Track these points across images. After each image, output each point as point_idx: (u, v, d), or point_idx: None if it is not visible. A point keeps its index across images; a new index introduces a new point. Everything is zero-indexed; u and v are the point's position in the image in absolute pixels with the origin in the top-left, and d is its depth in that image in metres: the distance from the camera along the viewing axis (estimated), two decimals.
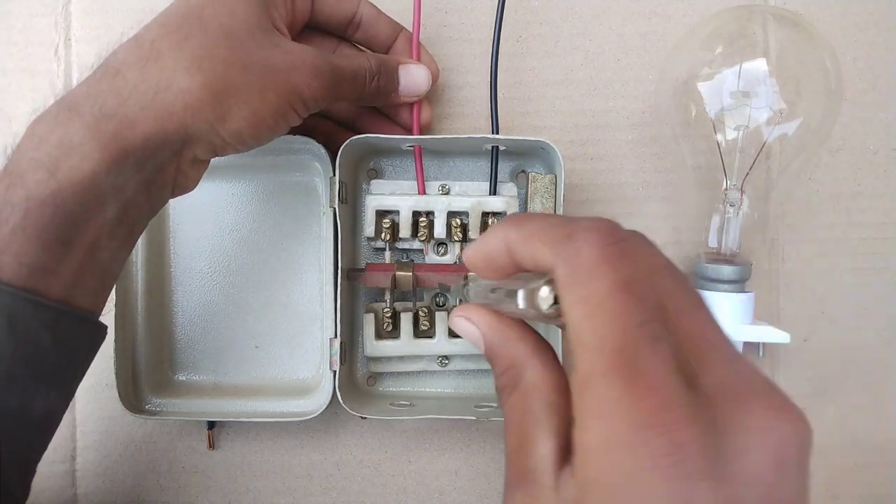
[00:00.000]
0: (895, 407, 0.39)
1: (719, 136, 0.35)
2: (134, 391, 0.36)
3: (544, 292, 0.19)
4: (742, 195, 0.35)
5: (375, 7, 0.34)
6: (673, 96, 0.36)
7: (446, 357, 0.37)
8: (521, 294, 0.20)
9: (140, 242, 0.36)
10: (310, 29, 0.33)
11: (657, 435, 0.16)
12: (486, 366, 0.37)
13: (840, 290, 0.39)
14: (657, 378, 0.16)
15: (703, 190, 0.36)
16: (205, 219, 0.38)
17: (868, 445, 0.39)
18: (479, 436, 0.38)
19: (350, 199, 0.36)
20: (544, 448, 0.19)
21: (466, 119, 0.38)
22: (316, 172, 0.37)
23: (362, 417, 0.34)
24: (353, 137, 0.33)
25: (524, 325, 0.22)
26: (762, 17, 0.36)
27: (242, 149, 0.28)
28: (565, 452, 0.19)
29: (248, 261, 0.38)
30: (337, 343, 0.34)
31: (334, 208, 0.34)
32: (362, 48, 0.35)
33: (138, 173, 0.26)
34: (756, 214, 0.36)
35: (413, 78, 0.33)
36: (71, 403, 0.38)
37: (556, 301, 0.19)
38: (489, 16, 0.37)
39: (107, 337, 0.34)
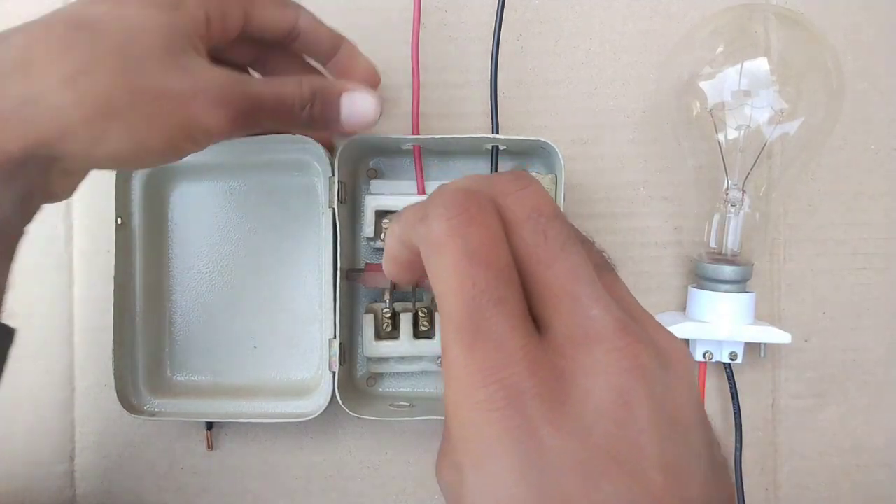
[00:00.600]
0: (895, 407, 0.39)
1: (720, 136, 0.35)
2: (133, 392, 0.36)
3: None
4: (743, 195, 0.35)
5: (315, 18, 0.31)
6: (674, 95, 0.36)
7: None
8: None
9: (138, 242, 0.36)
10: (245, 41, 0.30)
11: (495, 389, 0.17)
12: None
13: (841, 290, 0.39)
14: (497, 337, 0.17)
15: (704, 190, 0.36)
16: (203, 218, 0.37)
17: (869, 446, 0.39)
18: None
19: (349, 199, 0.36)
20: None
21: (466, 118, 0.38)
22: (315, 172, 0.37)
23: (359, 417, 0.34)
24: (353, 137, 0.33)
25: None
26: (763, 16, 0.36)
27: (123, 169, 0.27)
28: None
29: (246, 261, 0.38)
30: (336, 344, 0.34)
31: (333, 209, 0.33)
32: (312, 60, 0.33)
33: (6, 189, 0.25)
34: (757, 214, 0.36)
35: (358, 108, 0.30)
36: (70, 404, 0.38)
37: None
38: (489, 15, 0.37)
39: (107, 336, 0.34)
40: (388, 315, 0.35)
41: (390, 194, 0.36)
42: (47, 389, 0.38)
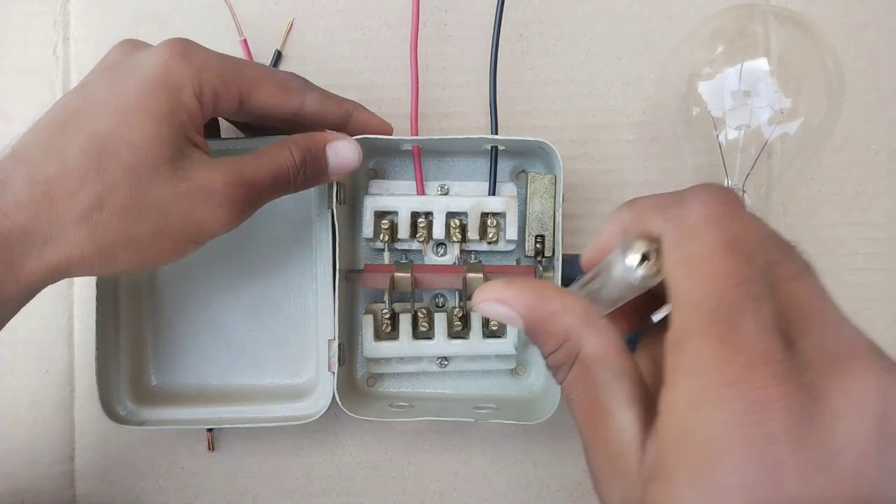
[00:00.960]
0: None
1: (720, 136, 0.35)
2: (117, 401, 0.35)
3: (638, 247, 0.18)
4: (743, 195, 0.35)
5: (323, 97, 0.31)
6: (674, 96, 0.36)
7: (446, 358, 0.37)
8: (609, 260, 0.19)
9: None
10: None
11: (743, 392, 0.15)
12: (487, 366, 0.37)
13: (841, 290, 0.38)
14: (753, 336, 0.16)
15: None
16: None
17: None
18: (479, 437, 0.38)
19: (349, 199, 0.36)
20: (625, 417, 0.18)
21: (466, 118, 0.38)
22: None
23: (359, 419, 0.34)
24: (364, 137, 0.33)
25: (567, 295, 0.20)
26: (763, 17, 0.36)
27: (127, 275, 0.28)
28: (647, 419, 0.18)
29: (230, 263, 0.37)
30: (335, 345, 0.34)
31: (332, 210, 0.33)
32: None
33: (16, 307, 0.27)
34: (757, 214, 0.36)
35: (341, 158, 0.31)
36: (70, 404, 0.38)
37: (644, 259, 0.18)
38: (489, 14, 0.37)
39: (89, 346, 0.34)
40: (388, 316, 0.35)
41: (389, 195, 0.36)
42: (47, 389, 0.38)
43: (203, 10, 0.38)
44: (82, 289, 0.38)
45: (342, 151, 0.31)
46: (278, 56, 0.38)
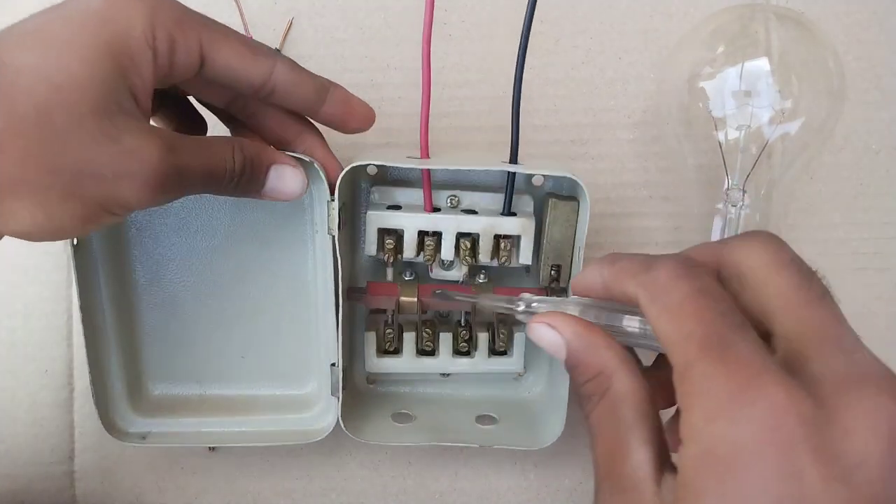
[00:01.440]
0: None
1: (721, 136, 0.35)
2: (116, 415, 0.34)
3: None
4: (744, 195, 0.35)
5: (295, 69, 0.28)
6: (674, 95, 0.36)
7: (447, 374, 0.36)
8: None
9: (99, 259, 0.33)
10: (217, 84, 0.27)
11: (755, 399, 0.16)
12: (488, 378, 0.36)
13: (841, 290, 0.39)
14: (749, 354, 0.17)
15: (704, 189, 0.36)
16: (171, 224, 0.34)
17: None
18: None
19: (349, 213, 0.34)
20: (642, 454, 0.19)
21: (466, 118, 0.38)
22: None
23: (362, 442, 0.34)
24: (354, 164, 0.30)
25: (609, 334, 0.22)
26: (764, 16, 0.36)
27: (33, 240, 0.24)
28: (662, 459, 0.19)
29: (226, 269, 0.35)
30: (339, 371, 0.32)
31: (333, 236, 0.30)
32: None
33: None
34: (758, 214, 0.36)
35: (284, 184, 0.28)
36: (70, 404, 0.38)
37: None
38: (490, 14, 0.37)
39: (80, 358, 0.33)
40: (392, 335, 0.34)
41: (395, 210, 0.33)
42: (47, 389, 0.38)
43: (203, 7, 0.38)
44: None
45: (286, 178, 0.28)
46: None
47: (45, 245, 0.37)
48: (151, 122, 0.25)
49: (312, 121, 0.31)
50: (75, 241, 0.30)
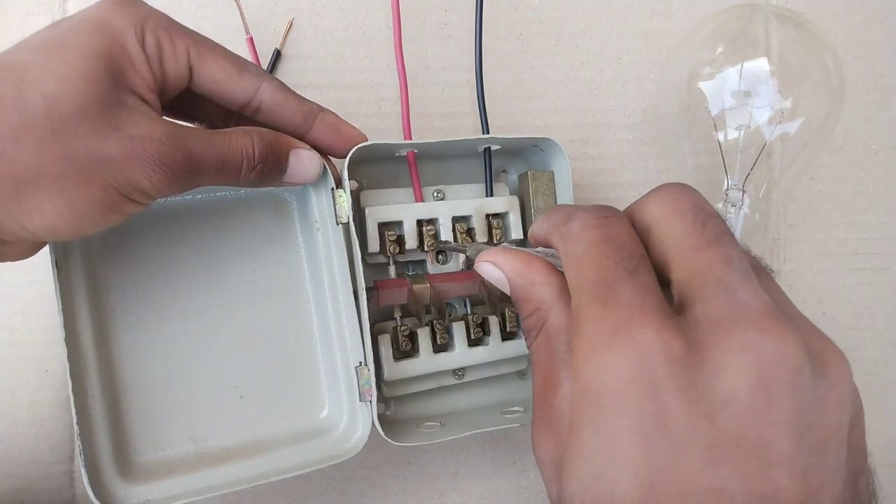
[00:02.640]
0: (895, 408, 0.39)
1: (720, 136, 0.35)
2: (111, 484, 0.29)
3: None
4: (743, 195, 0.35)
5: (283, 89, 0.28)
6: (674, 95, 0.36)
7: (462, 369, 0.35)
8: None
9: (81, 304, 0.30)
10: (206, 101, 0.28)
11: (624, 340, 0.17)
12: (502, 370, 0.36)
13: (841, 290, 0.39)
14: (630, 297, 0.18)
15: (703, 190, 0.35)
16: (146, 249, 0.31)
17: (869, 446, 0.39)
18: (478, 437, 0.38)
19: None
20: (567, 389, 0.20)
21: (465, 117, 0.38)
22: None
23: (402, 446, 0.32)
24: (361, 145, 0.30)
25: (551, 269, 0.22)
26: (764, 17, 0.36)
27: (65, 239, 0.25)
28: None
29: (211, 297, 0.31)
30: (365, 371, 0.30)
31: (346, 223, 0.30)
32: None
33: None
34: (757, 214, 0.36)
35: (303, 167, 0.28)
36: (69, 404, 0.38)
37: None
38: (490, 14, 0.37)
39: (68, 424, 0.32)
40: (406, 333, 0.33)
41: (392, 204, 0.33)
42: (47, 389, 0.38)
43: (202, 7, 0.38)
44: None
45: (305, 161, 0.28)
46: (277, 55, 0.38)
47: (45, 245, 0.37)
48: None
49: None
50: (58, 266, 0.28)
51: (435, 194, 0.35)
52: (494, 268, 0.23)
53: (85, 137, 0.23)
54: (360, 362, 0.30)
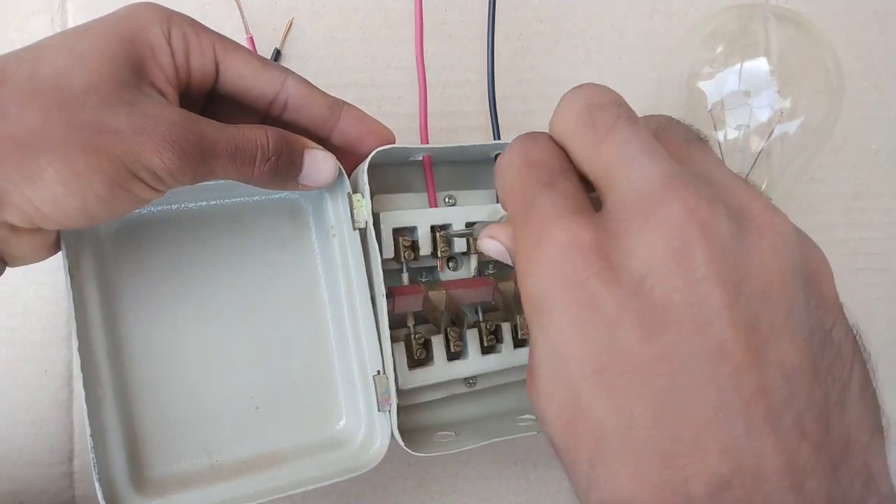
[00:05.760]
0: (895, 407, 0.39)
1: (720, 136, 0.35)
2: (125, 498, 0.28)
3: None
4: None
5: (308, 84, 0.28)
6: (674, 95, 0.36)
7: (473, 377, 0.34)
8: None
9: (94, 310, 0.29)
10: (237, 104, 0.28)
11: (543, 246, 0.18)
12: (513, 378, 0.35)
13: (841, 290, 0.39)
14: (547, 206, 0.19)
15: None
16: (160, 258, 0.30)
17: None
18: None
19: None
20: None
21: (467, 117, 0.38)
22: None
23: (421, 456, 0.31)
24: (382, 148, 0.29)
25: None
26: (763, 16, 0.36)
27: (69, 223, 0.23)
28: None
29: (225, 306, 0.31)
30: (383, 380, 0.29)
31: (366, 227, 0.29)
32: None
33: None
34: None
35: (318, 168, 0.28)
36: (70, 404, 0.38)
37: None
38: (490, 14, 0.37)
39: (82, 439, 0.31)
40: (422, 341, 0.32)
41: (407, 209, 0.33)
42: (47, 389, 0.38)
43: (202, 7, 0.38)
44: None
45: (320, 162, 0.28)
46: (277, 54, 0.38)
47: None
48: None
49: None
50: (71, 275, 0.28)
51: (447, 199, 0.34)
52: (492, 241, 0.23)
53: (94, 109, 0.22)
54: (379, 371, 0.30)
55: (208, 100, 0.28)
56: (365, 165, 0.29)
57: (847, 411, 0.17)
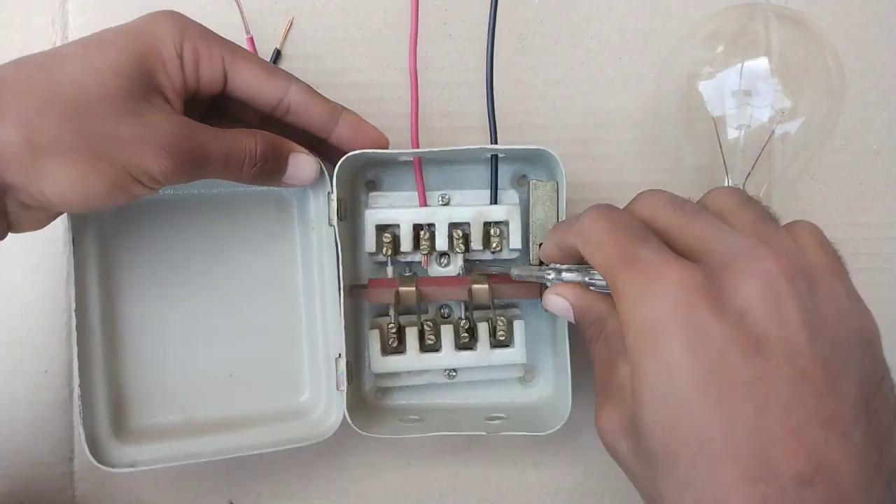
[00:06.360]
0: None
1: (721, 136, 0.35)
2: (102, 444, 0.33)
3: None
4: None
5: (309, 91, 0.31)
6: (674, 95, 0.36)
7: (454, 370, 0.36)
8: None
9: (91, 268, 0.34)
10: (242, 105, 0.31)
11: (658, 282, 0.22)
12: (495, 375, 0.37)
13: None
14: (652, 254, 0.23)
15: (704, 189, 0.36)
16: (156, 237, 0.35)
17: None
18: (479, 437, 0.38)
19: (349, 213, 0.35)
20: (624, 370, 0.24)
21: (467, 117, 0.38)
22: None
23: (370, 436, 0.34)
24: (350, 153, 0.32)
25: (600, 293, 0.28)
26: (764, 16, 0.36)
27: (72, 210, 0.28)
28: None
29: (209, 283, 0.35)
30: (343, 363, 0.33)
31: (334, 226, 0.32)
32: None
33: None
34: None
35: (301, 170, 0.31)
36: (70, 404, 0.38)
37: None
38: (490, 14, 0.37)
39: (70, 389, 0.34)
40: (394, 330, 0.35)
41: (390, 207, 0.35)
42: (47, 389, 0.38)
43: (202, 7, 0.38)
44: None
45: (303, 165, 0.31)
46: (277, 55, 0.38)
47: (46, 245, 0.37)
48: None
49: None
50: (73, 241, 0.32)
51: (440, 199, 0.36)
52: (560, 298, 0.28)
53: (104, 119, 0.26)
54: (340, 354, 0.33)
55: (216, 98, 0.31)
56: (335, 170, 0.32)
57: (893, 444, 0.21)
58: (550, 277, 0.30)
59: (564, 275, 0.29)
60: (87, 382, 0.33)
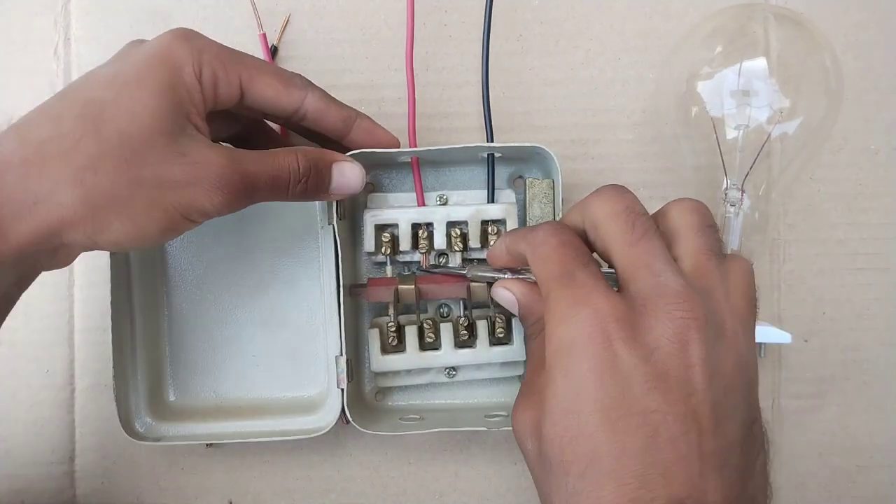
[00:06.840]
0: (895, 408, 0.39)
1: (719, 136, 0.35)
2: (136, 419, 0.36)
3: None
4: (742, 195, 0.35)
5: (325, 98, 0.31)
6: (674, 95, 0.36)
7: (454, 368, 0.36)
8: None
9: (133, 268, 0.36)
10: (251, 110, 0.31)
11: (583, 308, 0.24)
12: (495, 374, 0.37)
13: (841, 290, 0.39)
14: (586, 279, 0.25)
15: (703, 190, 0.36)
16: (197, 237, 0.37)
17: (869, 446, 0.39)
18: (479, 437, 0.38)
19: (348, 214, 0.36)
20: (545, 376, 0.25)
21: (466, 118, 0.38)
22: None
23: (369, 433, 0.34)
24: (350, 154, 0.32)
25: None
26: (763, 16, 0.36)
27: (122, 251, 0.30)
28: None
29: (243, 278, 0.37)
30: (343, 361, 0.34)
31: (333, 226, 0.33)
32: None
33: (10, 275, 0.27)
34: (756, 214, 0.36)
35: (346, 179, 0.31)
36: (70, 404, 0.38)
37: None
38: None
39: (107, 337, 0.34)
40: (394, 329, 0.35)
41: (389, 208, 0.36)
42: (47, 389, 0.38)
43: (203, 8, 0.38)
44: (83, 289, 0.38)
45: (347, 173, 0.31)
46: (274, 51, 0.38)
47: None
48: (225, 145, 0.29)
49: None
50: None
51: (438, 199, 0.36)
52: (507, 291, 0.29)
53: (153, 165, 0.26)
54: (340, 353, 0.34)
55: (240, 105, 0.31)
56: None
57: (754, 479, 0.24)
58: (507, 276, 0.30)
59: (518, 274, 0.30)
60: (122, 364, 0.35)
